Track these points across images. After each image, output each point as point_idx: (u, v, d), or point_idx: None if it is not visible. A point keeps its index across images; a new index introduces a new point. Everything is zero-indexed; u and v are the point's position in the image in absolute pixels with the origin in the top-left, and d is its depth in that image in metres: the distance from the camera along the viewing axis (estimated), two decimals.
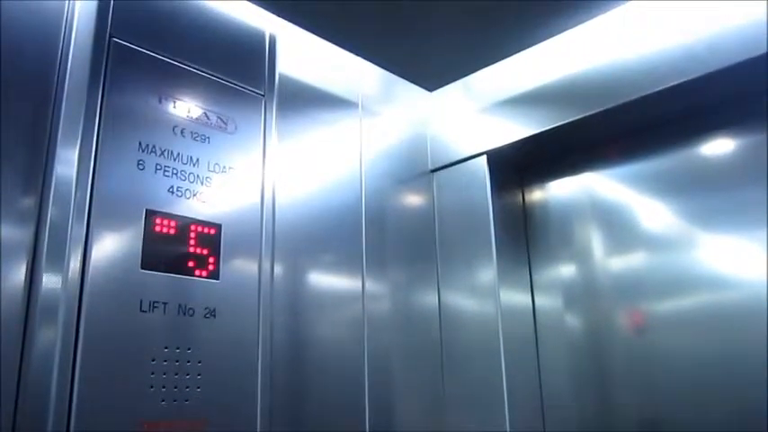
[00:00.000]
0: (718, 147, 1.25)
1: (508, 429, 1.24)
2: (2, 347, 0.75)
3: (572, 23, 1.30)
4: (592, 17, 1.27)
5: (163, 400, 0.87)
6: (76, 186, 0.86)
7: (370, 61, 1.40)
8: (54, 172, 0.84)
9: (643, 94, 1.18)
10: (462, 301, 1.38)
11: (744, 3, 1.07)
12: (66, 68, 0.88)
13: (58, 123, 0.86)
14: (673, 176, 1.29)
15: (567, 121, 1.29)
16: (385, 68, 1.43)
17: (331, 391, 1.13)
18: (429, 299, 1.40)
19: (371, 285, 1.26)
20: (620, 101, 1.21)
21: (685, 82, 1.13)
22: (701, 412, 1.17)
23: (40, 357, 0.78)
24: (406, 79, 1.49)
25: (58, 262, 0.82)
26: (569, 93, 1.29)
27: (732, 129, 1.22)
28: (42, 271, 0.80)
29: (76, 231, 0.84)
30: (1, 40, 0.83)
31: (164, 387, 0.88)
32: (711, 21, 1.11)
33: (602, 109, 1.23)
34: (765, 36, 1.03)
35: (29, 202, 0.81)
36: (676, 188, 1.28)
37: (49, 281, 0.80)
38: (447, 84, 1.53)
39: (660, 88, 1.16)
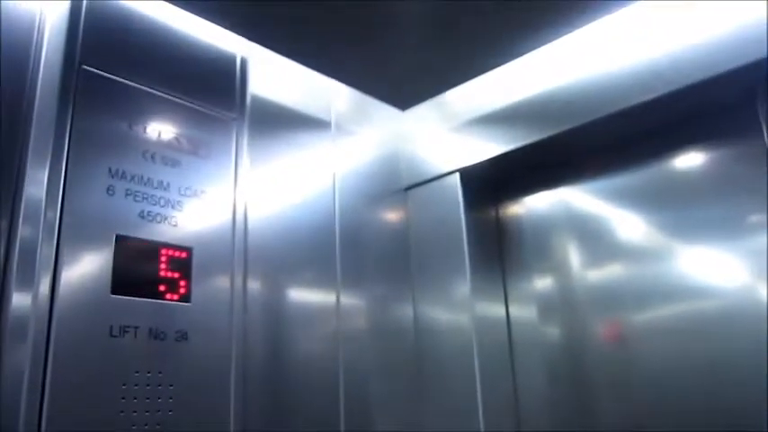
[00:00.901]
0: (691, 160, 1.27)
1: None
2: None
3: (542, 42, 1.32)
4: (562, 35, 1.30)
5: (134, 425, 0.87)
6: (46, 208, 0.86)
7: (342, 82, 1.42)
8: (24, 194, 0.84)
9: (614, 109, 1.20)
10: (437, 316, 1.40)
11: (714, 18, 1.10)
12: (35, 93, 0.89)
13: (28, 147, 0.86)
14: (647, 190, 1.31)
15: (538, 139, 1.31)
16: (357, 89, 1.45)
17: (306, 409, 1.14)
18: (404, 314, 1.41)
19: (346, 302, 1.26)
20: (592, 117, 1.23)
21: (655, 98, 1.15)
22: (679, 422, 1.18)
23: (9, 379, 0.78)
24: (378, 99, 1.51)
25: (28, 282, 0.82)
26: (541, 110, 1.31)
27: (705, 142, 1.25)
28: (12, 290, 0.80)
29: (46, 254, 0.85)
30: None
31: (135, 411, 0.88)
32: (681, 36, 1.14)
33: (574, 125, 1.26)
34: (737, 51, 1.06)
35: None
36: (650, 201, 1.30)
37: (19, 300, 0.80)
38: (419, 103, 1.55)
39: (631, 104, 1.18)
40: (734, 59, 1.06)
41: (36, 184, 0.86)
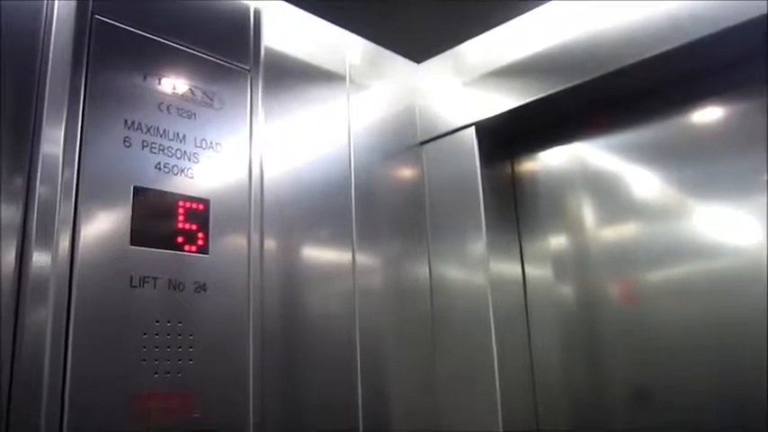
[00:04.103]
0: (709, 114, 1.25)
1: (498, 399, 1.26)
2: None
3: None
4: None
5: (155, 373, 0.89)
6: (63, 165, 0.86)
7: (357, 33, 1.40)
8: (40, 151, 0.84)
9: (631, 62, 1.17)
10: (453, 273, 1.40)
11: None
12: (48, 47, 0.88)
13: (43, 103, 0.86)
14: (662, 145, 1.29)
15: (554, 91, 1.29)
16: (372, 40, 1.43)
17: (323, 363, 1.15)
18: (420, 271, 1.41)
19: (362, 259, 1.27)
20: (609, 69, 1.20)
21: (672, 49, 1.13)
22: (693, 380, 1.18)
23: (32, 335, 0.79)
24: (394, 51, 1.49)
25: (48, 241, 0.82)
26: (557, 62, 1.29)
27: (723, 96, 1.22)
28: (32, 250, 0.81)
29: (65, 210, 0.85)
30: None
31: (156, 360, 0.89)
32: None
33: (589, 78, 1.23)
34: (750, 2, 1.03)
35: (16, 182, 0.82)
36: (666, 157, 1.28)
37: (39, 260, 0.81)
38: (435, 55, 1.52)
39: (647, 56, 1.15)
40: (755, 8, 1.03)
41: (52, 141, 0.86)
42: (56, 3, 0.90)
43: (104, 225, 0.89)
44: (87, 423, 0.82)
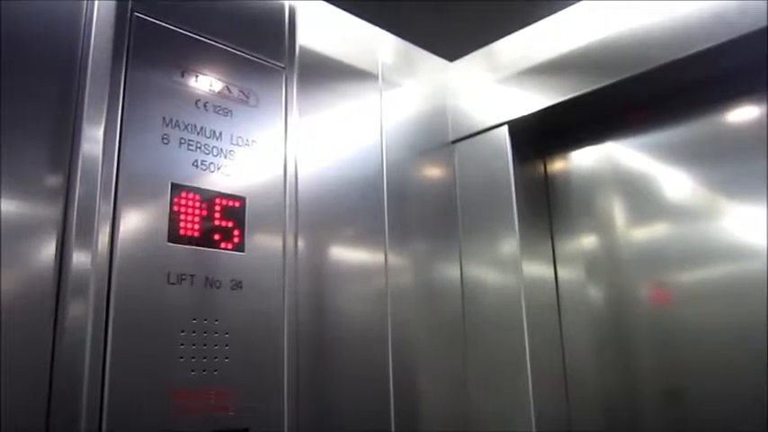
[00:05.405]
0: (743, 114, 1.22)
1: (531, 401, 1.25)
2: (35, 324, 0.77)
3: None
4: None
5: (192, 371, 0.89)
6: (103, 163, 0.86)
7: (390, 31, 1.39)
8: (80, 150, 0.85)
9: (666, 60, 1.16)
10: (485, 274, 1.38)
11: None
12: (89, 45, 0.89)
13: (83, 101, 0.86)
14: (696, 145, 1.26)
15: (588, 90, 1.27)
16: (405, 38, 1.42)
17: (355, 362, 1.14)
18: (451, 271, 1.40)
19: (394, 258, 1.26)
20: (642, 68, 1.19)
21: (710, 47, 1.10)
22: (724, 382, 1.16)
23: (72, 333, 0.79)
24: (426, 49, 1.48)
25: (87, 239, 0.83)
26: (591, 61, 1.27)
27: (758, 95, 1.19)
28: (72, 248, 0.81)
29: (104, 208, 0.85)
30: (24, 19, 0.84)
31: (193, 358, 0.90)
32: None
33: (623, 77, 1.21)
34: None
35: (57, 180, 0.83)
36: (700, 157, 1.26)
37: (79, 257, 0.82)
38: (467, 53, 1.51)
39: (683, 54, 1.13)
40: None
41: (92, 140, 0.86)
42: (95, 1, 0.91)
43: (142, 222, 0.89)
44: (126, 418, 0.82)
